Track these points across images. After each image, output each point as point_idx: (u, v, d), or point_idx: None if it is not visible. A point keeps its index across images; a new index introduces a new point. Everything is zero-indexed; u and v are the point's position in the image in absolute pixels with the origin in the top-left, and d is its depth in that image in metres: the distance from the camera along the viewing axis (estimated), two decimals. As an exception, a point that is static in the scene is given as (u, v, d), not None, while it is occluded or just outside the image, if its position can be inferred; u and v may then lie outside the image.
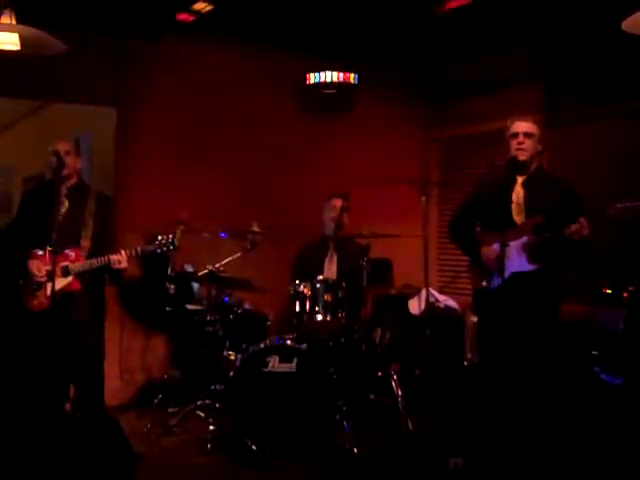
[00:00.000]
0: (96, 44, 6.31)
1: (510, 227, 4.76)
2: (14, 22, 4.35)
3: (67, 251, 4.92)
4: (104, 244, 4.99)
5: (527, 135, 4.79)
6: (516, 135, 4.80)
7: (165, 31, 6.43)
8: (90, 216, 5.02)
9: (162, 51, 6.57)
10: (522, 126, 4.81)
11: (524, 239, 4.69)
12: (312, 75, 6.88)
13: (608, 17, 4.46)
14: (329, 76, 6.42)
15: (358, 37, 6.57)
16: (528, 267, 4.70)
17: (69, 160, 4.98)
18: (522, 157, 4.78)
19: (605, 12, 5.05)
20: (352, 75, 6.85)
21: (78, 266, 4.92)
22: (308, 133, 7.12)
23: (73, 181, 5.09)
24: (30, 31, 4.27)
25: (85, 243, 4.98)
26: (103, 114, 6.58)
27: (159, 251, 4.97)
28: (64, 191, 5.01)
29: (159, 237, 4.98)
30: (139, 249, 4.95)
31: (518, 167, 4.82)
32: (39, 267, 4.87)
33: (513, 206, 4.81)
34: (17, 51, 4.40)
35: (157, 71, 6.60)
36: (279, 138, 7.01)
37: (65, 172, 4.95)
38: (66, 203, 5.02)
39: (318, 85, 6.88)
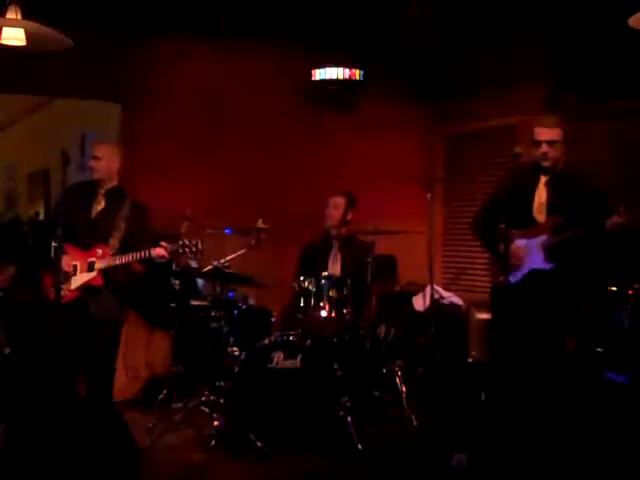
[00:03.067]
0: (101, 40, 6.31)
1: (531, 225, 4.80)
2: (19, 17, 4.35)
3: (96, 248, 4.98)
4: (131, 248, 5.01)
5: (550, 143, 4.76)
6: (539, 143, 4.77)
7: (169, 28, 6.43)
8: (123, 220, 5.08)
9: (166, 48, 6.57)
10: (545, 133, 4.78)
11: (543, 237, 4.70)
12: (317, 71, 6.87)
13: (614, 13, 4.45)
14: (334, 73, 6.41)
15: (363, 34, 6.56)
16: (546, 266, 4.73)
17: (94, 164, 5.10)
18: (546, 164, 4.79)
19: (611, 8, 5.03)
20: (357, 72, 6.83)
21: (103, 262, 4.97)
22: (313, 130, 7.12)
23: (113, 184, 5.19)
24: (35, 26, 4.27)
25: (114, 243, 5.04)
26: (108, 110, 6.59)
27: (181, 251, 4.95)
28: (102, 191, 5.14)
29: (185, 241, 4.95)
30: (164, 246, 4.95)
31: (544, 168, 4.83)
32: (67, 261, 4.90)
33: (535, 205, 4.84)
34: (22, 47, 4.40)
35: (162, 68, 6.60)
36: (283, 135, 7.01)
37: (96, 176, 5.10)
38: (102, 202, 5.13)
39: (323, 81, 6.87)
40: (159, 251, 4.94)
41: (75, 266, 4.93)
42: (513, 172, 5.21)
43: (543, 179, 4.84)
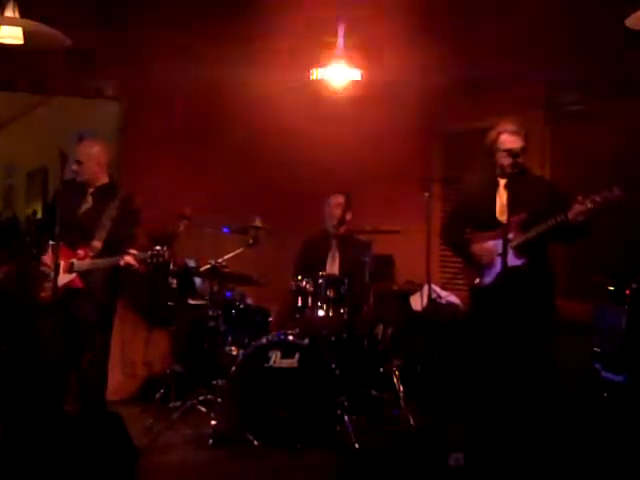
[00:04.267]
0: (99, 38, 6.31)
1: (497, 227, 4.87)
2: (17, 16, 4.35)
3: (79, 248, 4.97)
4: (116, 249, 4.98)
5: (522, 151, 4.90)
6: (510, 152, 4.87)
7: (167, 24, 6.42)
8: (109, 219, 5.05)
9: (164, 47, 6.56)
10: (516, 142, 4.92)
11: (510, 235, 4.74)
12: (314, 70, 6.86)
13: (610, 13, 4.45)
14: (332, 71, 6.40)
15: (360, 32, 6.55)
16: (516, 262, 4.77)
17: (76, 168, 5.07)
18: (514, 170, 4.85)
19: (607, 8, 5.04)
20: (354, 71, 6.83)
21: (82, 264, 4.95)
22: (309, 129, 7.11)
23: (103, 181, 5.17)
24: (33, 25, 4.27)
25: (96, 244, 5.00)
26: (106, 108, 6.59)
27: (149, 261, 4.91)
28: (91, 190, 5.11)
29: (157, 247, 4.92)
30: (132, 254, 4.91)
31: (504, 175, 4.92)
32: (52, 260, 4.87)
33: (497, 207, 4.97)
34: (20, 45, 4.40)
35: (160, 65, 6.59)
36: (281, 135, 7.00)
37: (78, 179, 5.09)
38: (90, 201, 5.11)
39: (320, 81, 6.87)
40: (127, 259, 4.88)
41: (56, 265, 4.79)
42: (470, 181, 5.47)
43: (502, 182, 4.93)
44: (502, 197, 4.90)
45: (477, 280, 5.02)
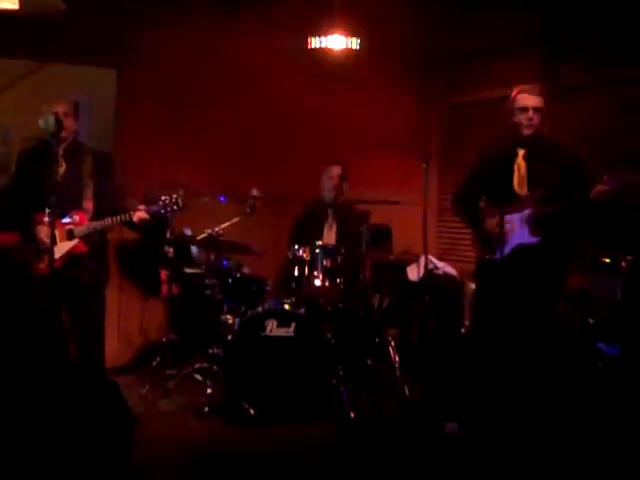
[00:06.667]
0: (96, 4, 6.24)
1: (513, 200, 4.76)
2: (13, -19, 4.31)
3: (71, 214, 4.91)
4: (107, 203, 4.97)
5: (536, 110, 4.74)
6: (525, 109, 4.74)
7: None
8: (89, 176, 4.98)
9: (162, 13, 6.50)
10: (532, 100, 4.76)
11: (526, 211, 4.69)
12: (313, 39, 6.81)
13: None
14: (330, 40, 6.35)
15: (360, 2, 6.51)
16: (531, 239, 4.71)
17: (68, 122, 4.93)
18: (529, 131, 4.75)
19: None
20: (354, 40, 6.78)
21: (83, 229, 4.91)
22: (308, 98, 7.07)
23: (68, 141, 5.02)
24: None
25: (87, 204, 4.95)
26: (103, 75, 6.53)
27: (162, 211, 4.95)
28: (60, 152, 4.95)
29: (162, 197, 4.95)
30: (143, 209, 4.92)
31: (519, 140, 4.81)
32: (47, 232, 4.77)
33: (515, 179, 4.80)
34: (16, 10, 4.36)
35: (158, 33, 6.53)
36: (279, 103, 6.96)
37: (63, 134, 4.88)
38: (63, 164, 4.97)
39: (319, 49, 6.82)
40: (140, 214, 4.88)
41: (54, 236, 4.71)
42: (489, 148, 5.18)
43: (521, 152, 4.80)
44: (521, 168, 4.78)
45: (488, 256, 4.82)
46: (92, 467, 3.75)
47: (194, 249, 6.36)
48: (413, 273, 6.74)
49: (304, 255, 5.63)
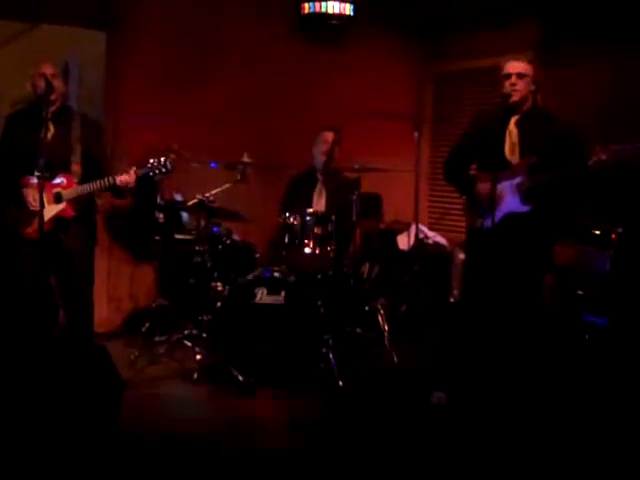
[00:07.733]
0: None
1: (504, 167, 4.74)
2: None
3: (58, 177, 4.86)
4: (95, 167, 4.92)
5: (520, 76, 4.72)
6: (509, 76, 4.73)
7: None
8: (77, 140, 4.93)
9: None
10: (515, 66, 4.75)
11: (518, 179, 4.67)
12: (307, 5, 6.76)
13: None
14: (324, 6, 6.30)
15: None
16: (522, 208, 4.69)
17: (57, 83, 4.88)
18: (514, 98, 4.73)
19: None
20: (348, 6, 6.72)
21: (71, 192, 4.86)
22: (300, 66, 7.02)
23: (57, 105, 4.95)
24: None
25: (75, 168, 4.90)
26: (93, 37, 6.45)
27: (151, 174, 4.91)
28: (49, 115, 4.83)
29: (151, 160, 4.91)
30: (133, 171, 4.88)
31: (510, 107, 4.78)
32: (34, 195, 4.75)
33: (507, 146, 4.77)
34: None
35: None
36: (270, 71, 6.90)
37: (53, 96, 4.82)
38: (52, 128, 4.89)
39: (313, 15, 6.76)
40: (123, 178, 4.82)
41: (42, 199, 4.57)
42: (481, 114, 5.18)
43: (513, 119, 4.78)
44: (512, 135, 4.75)
45: (478, 222, 4.81)
46: (81, 431, 3.76)
47: (184, 215, 6.33)
48: (403, 242, 6.74)
49: (294, 222, 5.61)
